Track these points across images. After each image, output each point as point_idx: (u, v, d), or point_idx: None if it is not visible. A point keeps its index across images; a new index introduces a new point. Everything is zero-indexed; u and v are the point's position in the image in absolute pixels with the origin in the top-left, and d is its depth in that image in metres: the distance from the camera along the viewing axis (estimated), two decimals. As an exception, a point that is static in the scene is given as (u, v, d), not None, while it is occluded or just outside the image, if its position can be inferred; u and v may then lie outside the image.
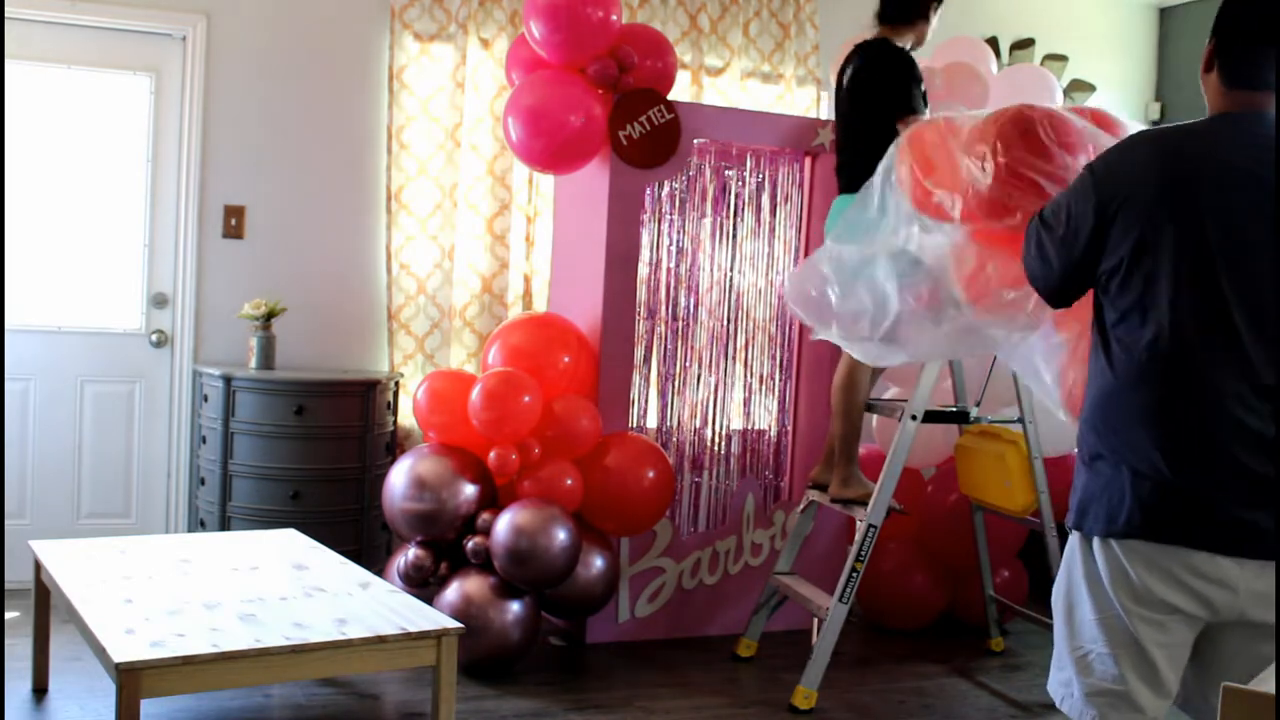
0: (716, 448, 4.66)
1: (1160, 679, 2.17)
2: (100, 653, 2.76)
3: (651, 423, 4.54)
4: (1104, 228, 2.16)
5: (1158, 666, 2.16)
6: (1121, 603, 2.15)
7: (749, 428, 4.70)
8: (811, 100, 5.36)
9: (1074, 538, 2.26)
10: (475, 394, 3.89)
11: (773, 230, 4.65)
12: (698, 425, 4.63)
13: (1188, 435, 2.08)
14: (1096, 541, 2.18)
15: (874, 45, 3.89)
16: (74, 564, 3.40)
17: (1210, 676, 2.18)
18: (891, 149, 3.07)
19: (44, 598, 3.55)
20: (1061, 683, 2.29)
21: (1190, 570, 2.09)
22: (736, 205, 4.61)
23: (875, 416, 4.38)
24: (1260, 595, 2.08)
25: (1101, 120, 2.83)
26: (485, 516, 3.89)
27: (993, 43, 5.57)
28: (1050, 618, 2.39)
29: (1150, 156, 2.16)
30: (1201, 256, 2.07)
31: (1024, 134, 2.69)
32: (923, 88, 3.84)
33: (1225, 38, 2.17)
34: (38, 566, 3.51)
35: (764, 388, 4.70)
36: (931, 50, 3.99)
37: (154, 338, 4.72)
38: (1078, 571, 2.24)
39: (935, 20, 4.00)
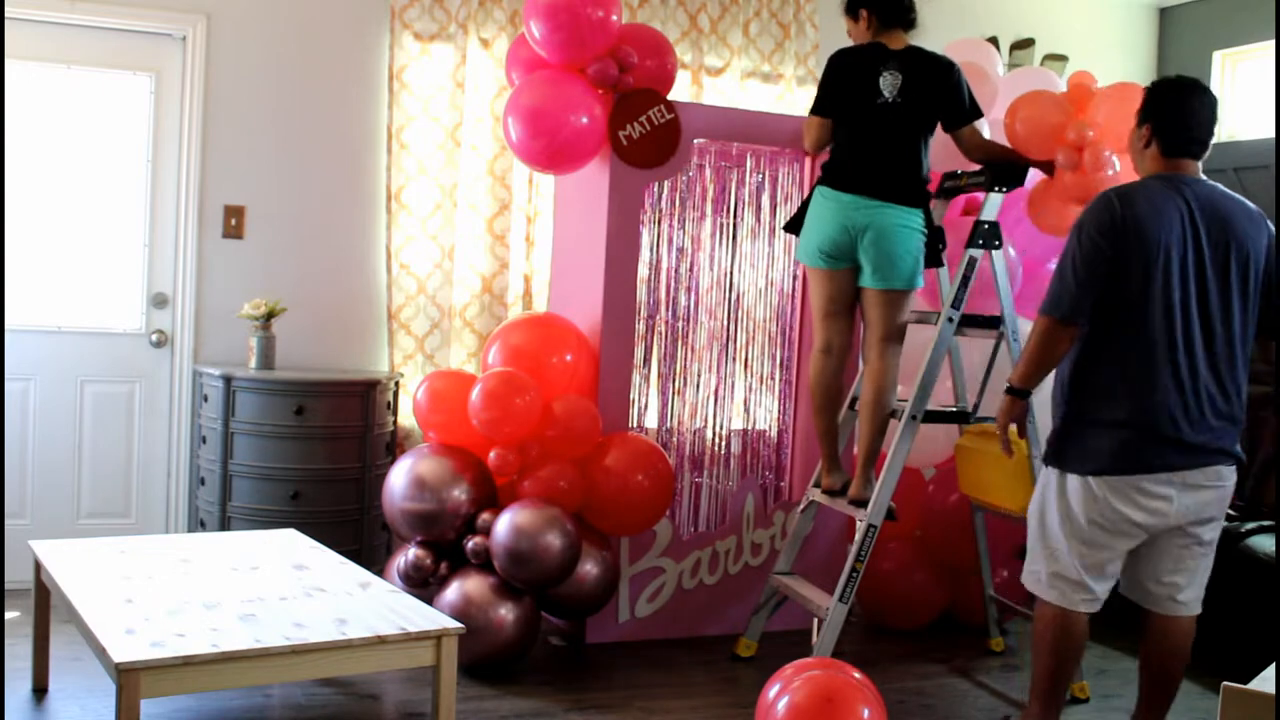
0: (716, 448, 4.66)
1: (1106, 571, 3.16)
2: (100, 653, 2.76)
3: (651, 423, 4.54)
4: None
5: (1105, 561, 3.14)
6: (1087, 515, 3.11)
7: (749, 428, 4.70)
8: (811, 100, 5.34)
9: (1053, 472, 3.21)
10: (475, 394, 3.89)
11: (773, 230, 4.65)
12: (698, 425, 4.63)
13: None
14: (1071, 477, 3.14)
15: (925, 55, 3.86)
16: (74, 564, 3.40)
17: (1147, 569, 3.21)
18: None
19: (44, 598, 3.55)
20: (1032, 571, 3.25)
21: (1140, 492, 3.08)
22: (736, 205, 4.61)
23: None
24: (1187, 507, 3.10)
25: None
26: (485, 516, 3.89)
27: (993, 42, 5.57)
28: None
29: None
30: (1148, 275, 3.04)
31: None
32: None
33: (1159, 123, 3.17)
34: (38, 566, 3.52)
35: (764, 388, 4.70)
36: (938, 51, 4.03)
37: (154, 338, 4.72)
38: (1051, 498, 3.20)
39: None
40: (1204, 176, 3.18)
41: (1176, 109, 3.15)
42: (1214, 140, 3.20)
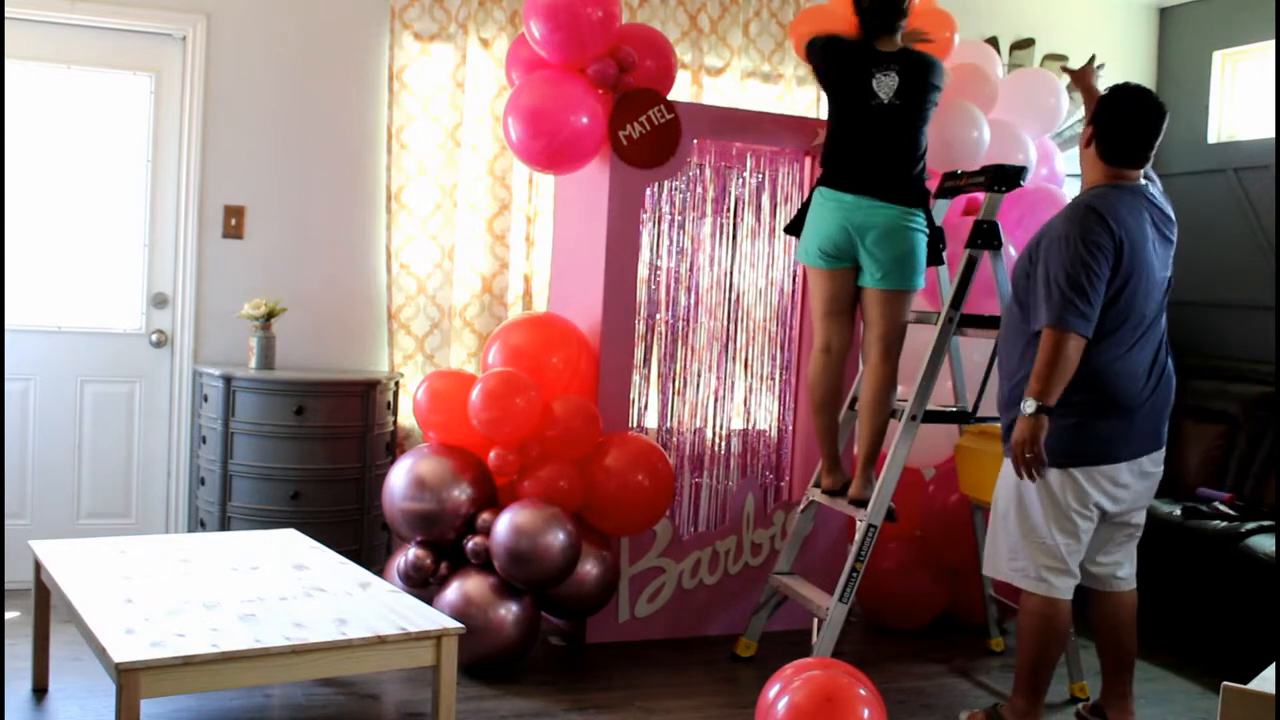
0: (716, 448, 4.66)
1: (1082, 554, 3.36)
2: (100, 653, 2.76)
3: (651, 423, 4.54)
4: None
5: (1083, 544, 3.34)
6: (1070, 505, 3.29)
7: (749, 428, 4.70)
8: (811, 100, 5.35)
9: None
10: (475, 394, 3.89)
11: (773, 230, 4.65)
12: (698, 425, 4.63)
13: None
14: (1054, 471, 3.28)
15: (921, 56, 3.88)
16: (74, 564, 3.40)
17: (1090, 553, 3.42)
18: None
19: (44, 598, 3.55)
20: (1017, 568, 3.38)
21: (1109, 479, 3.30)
22: (736, 205, 4.61)
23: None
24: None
25: None
26: (485, 516, 3.89)
27: (993, 42, 5.57)
28: None
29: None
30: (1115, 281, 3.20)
31: None
32: None
33: (1103, 128, 3.29)
34: (38, 566, 3.52)
35: (764, 388, 4.70)
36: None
37: (154, 338, 4.72)
38: (1030, 491, 3.32)
39: None
40: (1143, 180, 3.36)
41: (1121, 119, 3.29)
42: (1156, 147, 3.33)
